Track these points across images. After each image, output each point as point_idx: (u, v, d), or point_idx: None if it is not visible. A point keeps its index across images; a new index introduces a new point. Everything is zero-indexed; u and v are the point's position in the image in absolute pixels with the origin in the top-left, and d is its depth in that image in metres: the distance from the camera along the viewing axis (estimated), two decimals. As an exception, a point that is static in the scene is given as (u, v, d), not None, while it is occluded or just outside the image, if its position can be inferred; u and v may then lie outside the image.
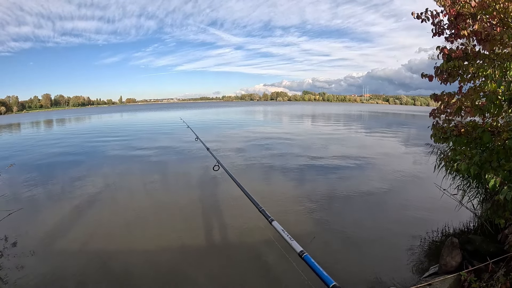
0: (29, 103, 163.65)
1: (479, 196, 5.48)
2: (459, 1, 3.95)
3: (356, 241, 5.26)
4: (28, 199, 7.67)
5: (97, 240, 5.39)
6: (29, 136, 24.98)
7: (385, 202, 7.13)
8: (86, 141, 19.09)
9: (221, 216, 6.43)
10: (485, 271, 3.44)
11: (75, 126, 35.57)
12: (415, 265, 4.47)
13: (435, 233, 5.49)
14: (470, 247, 4.30)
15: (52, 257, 4.86)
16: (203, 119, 38.56)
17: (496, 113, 3.87)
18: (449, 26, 4.27)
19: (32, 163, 12.39)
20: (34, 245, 5.17)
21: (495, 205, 4.23)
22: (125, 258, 4.81)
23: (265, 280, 4.29)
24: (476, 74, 4.19)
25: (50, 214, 6.75)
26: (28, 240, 5.35)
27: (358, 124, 32.21)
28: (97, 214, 6.63)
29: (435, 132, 4.59)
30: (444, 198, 5.75)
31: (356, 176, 9.56)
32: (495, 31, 3.70)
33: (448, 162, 4.84)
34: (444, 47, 4.33)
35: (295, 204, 7.00)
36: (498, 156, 3.94)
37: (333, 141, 17.13)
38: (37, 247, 5.09)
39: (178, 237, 5.43)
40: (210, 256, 4.85)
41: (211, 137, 19.05)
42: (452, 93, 4.50)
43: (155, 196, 7.87)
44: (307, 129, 25.17)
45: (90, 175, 10.01)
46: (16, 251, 4.97)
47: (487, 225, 4.82)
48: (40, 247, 5.14)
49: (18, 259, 4.68)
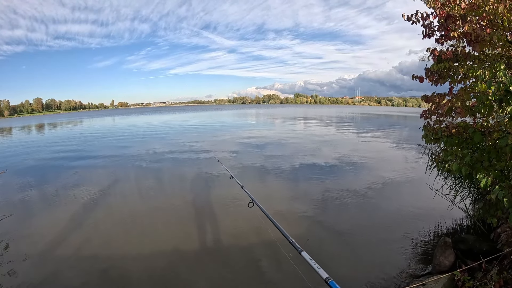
0: (21, 107, 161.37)
1: (471, 196, 5.53)
2: (449, 3, 3.99)
3: (350, 242, 5.27)
4: (20, 205, 7.56)
5: (92, 245, 5.31)
6: (20, 142, 24.56)
7: (378, 204, 7.15)
8: (78, 145, 18.89)
9: (218, 219, 6.38)
10: (479, 270, 3.46)
11: (66, 131, 35.17)
12: (409, 265, 4.49)
13: (428, 233, 5.52)
14: (463, 247, 4.33)
15: (45, 262, 4.77)
16: (197, 122, 38.53)
17: (487, 113, 3.90)
18: (439, 27, 4.31)
19: (24, 169, 12.18)
20: (27, 250, 5.09)
21: (487, 204, 4.27)
22: (121, 262, 4.73)
23: (265, 283, 4.27)
24: (467, 75, 4.23)
25: (43, 219, 6.65)
26: (20, 246, 5.27)
27: (351, 126, 32.40)
28: (91, 218, 6.53)
29: (426, 133, 4.61)
30: (437, 198, 5.80)
31: (349, 178, 9.59)
32: (485, 32, 3.74)
33: (439, 162, 4.87)
34: (434, 49, 4.36)
35: (289, 206, 7.00)
36: (489, 155, 3.97)
37: (325, 143, 17.20)
38: (29, 253, 5.01)
39: (175, 241, 5.37)
40: (209, 260, 4.79)
41: (207, 139, 19.05)
42: (443, 94, 4.53)
43: (152, 201, 7.78)
44: (300, 132, 25.22)
45: (83, 180, 9.88)
46: (8, 256, 4.89)
47: (480, 224, 4.86)
48: (33, 252, 5.05)
49: (10, 265, 4.60)
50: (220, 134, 22.87)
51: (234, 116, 54.21)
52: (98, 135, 25.79)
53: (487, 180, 3.42)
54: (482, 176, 3.49)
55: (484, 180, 3.43)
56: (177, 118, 49.92)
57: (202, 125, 34.65)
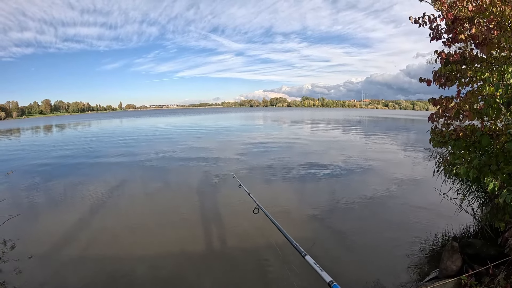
0: (29, 108, 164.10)
1: (479, 200, 5.46)
2: (456, 5, 3.97)
3: (357, 245, 5.24)
4: (27, 205, 7.65)
5: (99, 246, 5.35)
6: (28, 142, 24.93)
7: (385, 207, 7.10)
8: (86, 146, 19.10)
9: (225, 222, 6.39)
10: (486, 275, 3.42)
11: (74, 132, 35.58)
12: (416, 270, 4.45)
13: (435, 237, 5.47)
14: (471, 251, 4.28)
15: (51, 262, 4.81)
16: (205, 125, 38.72)
17: (495, 116, 3.87)
18: (446, 30, 4.29)
19: (32, 169, 12.33)
20: (33, 250, 5.13)
21: (495, 209, 4.21)
22: (128, 264, 4.75)
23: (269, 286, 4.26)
24: (474, 77, 4.20)
25: (49, 219, 6.73)
26: (27, 245, 5.31)
27: (358, 129, 32.26)
28: (97, 219, 6.59)
29: (434, 136, 4.58)
30: (444, 202, 5.74)
31: (356, 181, 9.55)
32: (493, 35, 3.71)
33: (447, 166, 4.83)
34: (441, 51, 4.34)
35: (296, 208, 7.00)
36: (497, 159, 3.93)
37: (333, 147, 17.15)
38: (36, 253, 5.05)
39: (182, 244, 5.38)
40: (215, 263, 4.79)
41: (215, 142, 19.17)
42: (451, 97, 4.50)
43: (159, 203, 7.81)
44: (307, 135, 25.16)
45: (91, 181, 9.99)
46: (14, 256, 4.94)
47: (487, 228, 4.79)
48: (39, 252, 5.09)
49: (17, 264, 4.66)
50: (227, 137, 22.97)
51: (242, 119, 54.32)
52: (106, 137, 26.10)
53: (494, 184, 3.38)
54: (490, 180, 3.46)
55: (492, 184, 3.39)
56: (184, 121, 50.23)
57: (209, 127, 34.84)
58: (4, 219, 6.26)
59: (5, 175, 8.74)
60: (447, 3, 4.15)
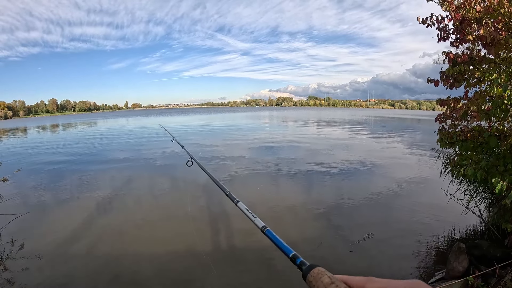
0: (36, 107, 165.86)
1: (486, 201, 5.44)
2: (464, 6, 3.96)
3: (363, 246, 5.24)
4: (35, 203, 7.75)
5: (105, 245, 5.40)
6: (35, 141, 25.24)
7: (392, 207, 7.09)
8: (93, 146, 19.27)
9: (230, 222, 6.42)
10: (492, 276, 3.42)
11: (81, 131, 35.90)
12: (422, 270, 4.45)
13: (441, 238, 5.45)
14: (477, 252, 4.27)
15: (58, 260, 4.87)
16: (211, 124, 38.82)
17: (502, 117, 3.86)
18: (454, 31, 4.29)
19: (39, 167, 12.51)
20: (41, 248, 5.21)
21: (502, 210, 4.20)
22: (134, 263, 4.79)
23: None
24: (482, 78, 4.19)
25: (57, 217, 6.81)
26: (34, 244, 5.39)
27: (364, 129, 32.12)
28: (104, 218, 6.66)
29: (441, 137, 4.58)
30: (451, 203, 5.72)
31: (363, 181, 9.53)
32: (500, 36, 3.71)
33: (454, 167, 4.82)
34: (449, 52, 4.34)
35: (303, 208, 7.01)
36: (505, 160, 3.92)
37: (339, 147, 17.09)
38: (43, 250, 5.13)
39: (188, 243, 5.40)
40: (223, 263, 4.79)
41: (221, 140, 19.24)
42: (458, 98, 4.49)
43: (165, 202, 7.85)
44: (314, 134, 25.11)
45: (97, 180, 10.09)
46: (22, 253, 5.03)
47: (494, 230, 4.78)
48: (47, 250, 5.17)
49: (24, 262, 4.74)
50: (234, 136, 23.02)
51: (248, 118, 54.34)
52: (112, 136, 26.30)
53: (502, 185, 3.38)
54: (497, 181, 3.45)
55: (500, 185, 3.39)
56: (190, 120, 50.39)
57: (215, 127, 34.91)
58: (13, 217, 6.38)
59: (12, 173, 8.83)
60: (455, 3, 4.14)
